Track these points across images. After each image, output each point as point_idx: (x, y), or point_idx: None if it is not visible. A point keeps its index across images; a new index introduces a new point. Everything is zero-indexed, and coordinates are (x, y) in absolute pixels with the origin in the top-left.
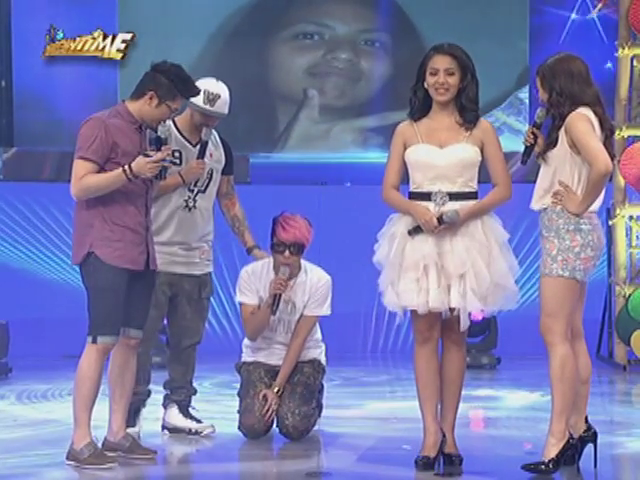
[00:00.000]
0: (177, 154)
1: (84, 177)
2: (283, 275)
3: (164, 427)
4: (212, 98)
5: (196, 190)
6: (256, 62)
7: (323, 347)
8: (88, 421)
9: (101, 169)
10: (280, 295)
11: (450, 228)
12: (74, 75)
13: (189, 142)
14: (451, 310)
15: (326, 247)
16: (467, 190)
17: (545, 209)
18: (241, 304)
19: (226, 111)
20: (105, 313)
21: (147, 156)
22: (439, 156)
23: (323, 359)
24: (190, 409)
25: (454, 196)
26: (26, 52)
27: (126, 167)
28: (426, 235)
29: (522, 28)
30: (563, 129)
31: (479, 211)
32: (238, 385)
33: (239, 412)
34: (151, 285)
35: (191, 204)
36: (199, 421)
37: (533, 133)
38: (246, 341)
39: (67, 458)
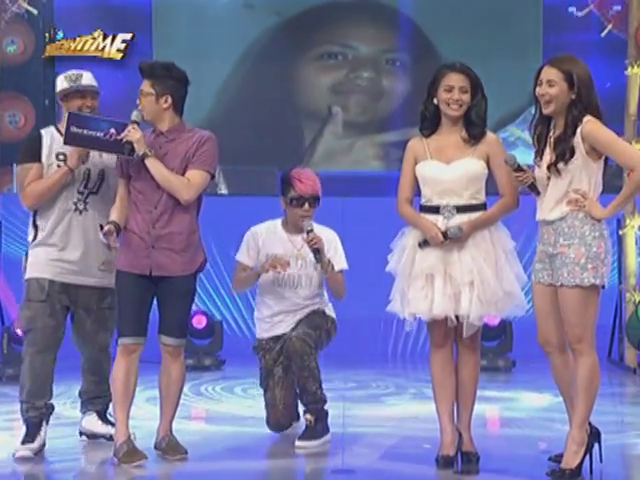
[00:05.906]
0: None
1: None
2: (310, 229)
3: (81, 433)
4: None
5: None
6: (283, 81)
7: (330, 305)
8: (123, 419)
9: (128, 182)
10: (318, 249)
11: (456, 241)
12: None
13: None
14: (457, 317)
15: (349, 256)
16: (474, 202)
17: (563, 217)
18: (238, 262)
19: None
20: (121, 315)
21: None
22: (445, 171)
23: (331, 313)
24: (108, 415)
25: (461, 209)
26: None
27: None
28: (434, 247)
29: (536, 48)
30: (578, 138)
31: (485, 222)
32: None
33: (265, 407)
34: (180, 292)
35: None
36: None
37: (521, 176)
38: (258, 314)
39: (113, 454)
